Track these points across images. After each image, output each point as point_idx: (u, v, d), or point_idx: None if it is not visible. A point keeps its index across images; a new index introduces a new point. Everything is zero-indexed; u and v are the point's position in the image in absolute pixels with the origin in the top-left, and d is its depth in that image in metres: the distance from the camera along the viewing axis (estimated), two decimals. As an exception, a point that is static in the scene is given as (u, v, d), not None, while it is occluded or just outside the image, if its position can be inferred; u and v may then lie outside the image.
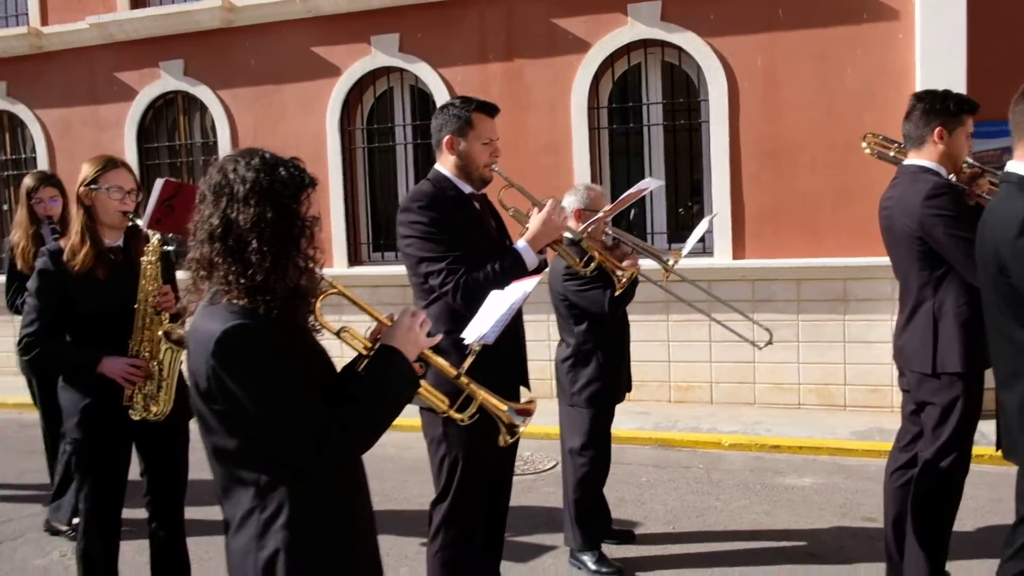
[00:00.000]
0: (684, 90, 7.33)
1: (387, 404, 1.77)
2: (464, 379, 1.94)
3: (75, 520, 4.75)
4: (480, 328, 2.09)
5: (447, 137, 3.03)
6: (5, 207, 9.71)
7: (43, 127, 9.21)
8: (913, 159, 3.32)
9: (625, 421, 4.33)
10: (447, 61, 7.65)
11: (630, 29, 7.13)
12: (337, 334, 1.88)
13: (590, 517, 4.00)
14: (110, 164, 3.19)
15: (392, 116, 8.16)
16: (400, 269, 7.82)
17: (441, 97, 7.64)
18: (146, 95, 8.71)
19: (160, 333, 3.12)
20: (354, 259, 8.18)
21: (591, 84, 7.28)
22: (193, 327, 1.75)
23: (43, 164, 9.18)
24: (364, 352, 1.87)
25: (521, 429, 1.99)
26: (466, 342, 2.09)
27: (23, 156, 9.53)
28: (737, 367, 6.94)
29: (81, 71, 8.96)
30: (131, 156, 8.72)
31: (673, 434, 6.18)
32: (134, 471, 3.25)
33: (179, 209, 3.18)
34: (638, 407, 6.63)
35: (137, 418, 3.08)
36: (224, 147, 8.42)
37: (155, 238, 3.16)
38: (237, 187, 1.72)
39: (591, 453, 3.95)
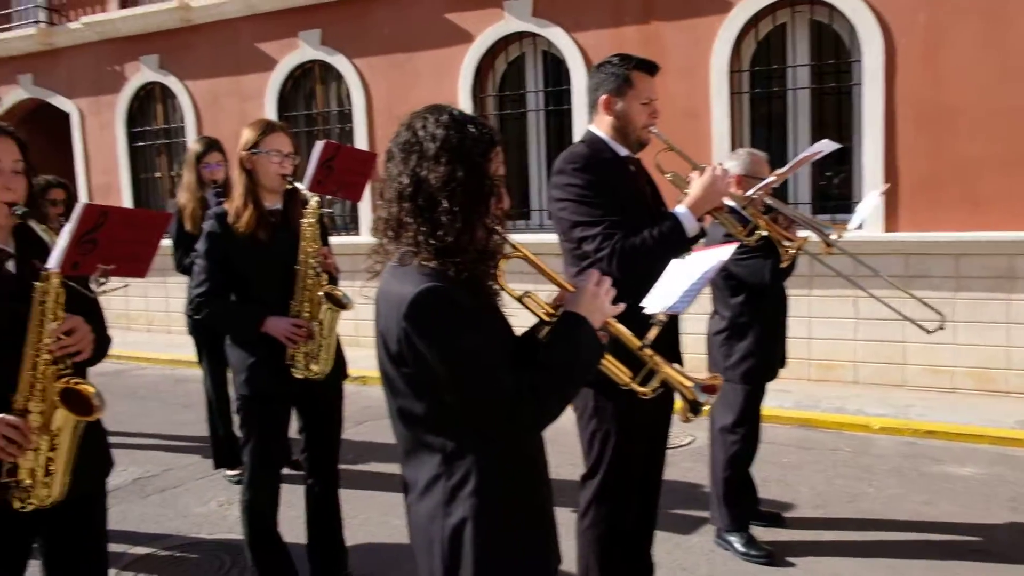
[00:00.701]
0: (833, 51, 6.89)
1: (576, 373, 1.70)
2: (648, 351, 1.84)
3: (229, 472, 5.02)
4: (665, 298, 1.98)
5: (604, 96, 2.91)
6: (158, 174, 10.28)
7: (191, 98, 9.65)
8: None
9: (764, 399, 4.16)
10: (581, 25, 7.48)
11: (777, -14, 6.75)
12: (519, 299, 1.82)
13: (739, 497, 3.85)
14: (269, 128, 3.25)
15: (524, 82, 8.08)
16: (533, 237, 7.87)
17: (574, 63, 7.50)
18: (285, 65, 8.97)
19: (320, 294, 3.19)
20: (484, 227, 8.18)
21: (733, 46, 6.95)
22: (382, 289, 1.72)
23: (191, 133, 9.65)
24: (546, 319, 1.80)
25: (706, 408, 1.88)
26: (647, 311, 1.99)
27: (173, 126, 10.03)
28: (884, 346, 6.54)
29: (226, 42, 9.31)
30: (271, 125, 9.01)
31: (816, 414, 5.90)
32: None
33: (338, 171, 3.22)
34: (777, 384, 6.28)
35: (299, 376, 3.16)
36: (359, 116, 8.58)
37: (314, 200, 3.21)
38: (427, 145, 1.67)
39: (743, 431, 3.80)
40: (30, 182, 2.26)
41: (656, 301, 1.99)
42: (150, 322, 10.10)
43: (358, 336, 6.92)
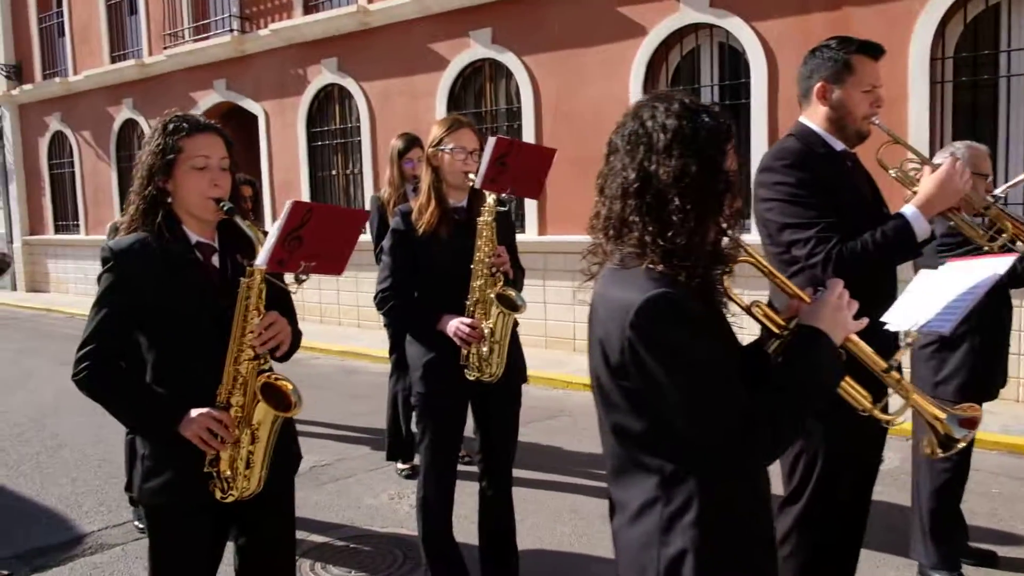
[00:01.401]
0: (1058, 33, 6.13)
1: (813, 395, 1.49)
2: (895, 375, 1.60)
3: (400, 465, 5.08)
4: (915, 314, 1.72)
5: (819, 84, 2.63)
6: (333, 172, 10.74)
7: (366, 98, 10.00)
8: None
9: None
10: (762, 13, 7.07)
11: (991, -37, 6.08)
12: (747, 309, 1.62)
13: (949, 532, 3.44)
14: (455, 125, 3.21)
15: (699, 76, 7.75)
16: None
17: (754, 54, 7.10)
18: (457, 64, 9.09)
19: (492, 296, 3.11)
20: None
21: (936, 31, 6.34)
22: (601, 293, 1.58)
23: (366, 133, 10.00)
24: (777, 332, 1.60)
25: (960, 444, 1.61)
26: (889, 328, 1.74)
27: (349, 125, 10.44)
28: (1114, 367, 5.75)
29: (400, 44, 9.56)
30: (441, 123, 9.16)
31: (1028, 440, 5.27)
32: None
33: (513, 168, 3.12)
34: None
35: (472, 378, 3.10)
36: (527, 113, 8.56)
37: (491, 198, 3.13)
38: (656, 136, 1.51)
39: (955, 458, 3.38)
40: (234, 179, 2.31)
41: (902, 317, 1.73)
42: (322, 314, 10.57)
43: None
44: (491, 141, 3.08)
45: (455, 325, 3.04)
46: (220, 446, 2.13)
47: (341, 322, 10.34)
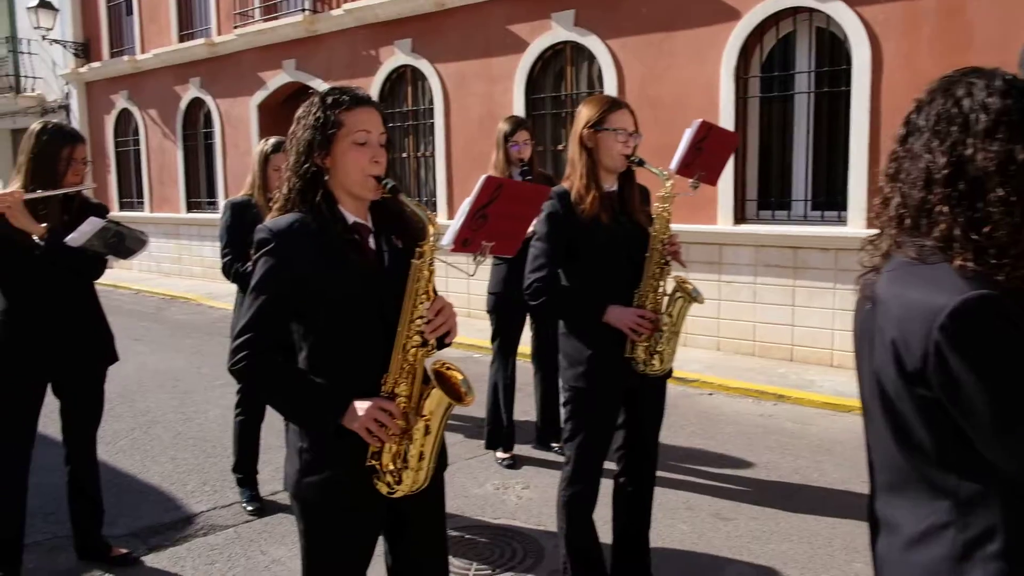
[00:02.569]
0: None
1: None
2: None
3: (501, 454, 4.98)
4: None
5: None
6: (404, 155, 10.66)
7: (441, 80, 9.87)
8: None
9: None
10: (867, -2, 6.80)
11: (1125, -54, 5.75)
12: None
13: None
14: (614, 105, 3.07)
15: (793, 62, 7.50)
16: (788, 229, 7.34)
17: (858, 39, 6.83)
18: (537, 46, 8.92)
19: (669, 285, 3.00)
20: (739, 216, 7.74)
21: (1060, 17, 6.03)
22: (894, 291, 1.42)
23: (439, 116, 9.89)
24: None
25: None
26: None
27: (421, 107, 10.34)
28: None
29: (477, 25, 9.42)
30: (518, 107, 9.04)
31: None
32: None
33: (706, 152, 2.99)
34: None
35: (639, 371, 2.98)
36: (610, 97, 8.37)
37: (668, 183, 3.02)
38: (976, 116, 1.34)
39: None
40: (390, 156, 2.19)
41: None
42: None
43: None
44: (694, 123, 2.95)
45: (629, 316, 2.91)
46: (388, 438, 2.01)
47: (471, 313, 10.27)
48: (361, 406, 1.98)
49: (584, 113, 3.08)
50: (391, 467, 2.05)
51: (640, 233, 3.07)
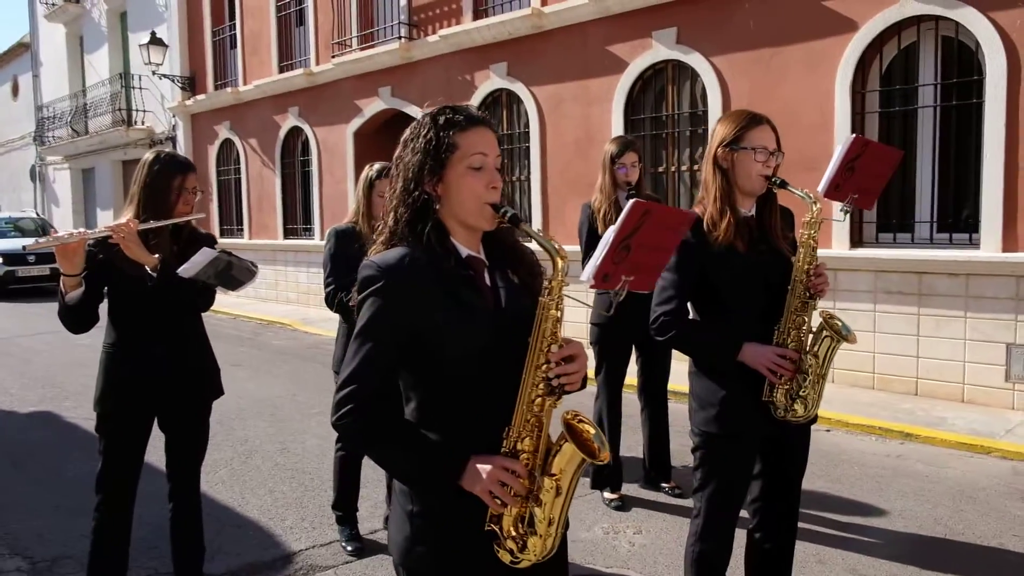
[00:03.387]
0: None
1: None
2: None
3: (608, 494, 4.67)
4: None
5: None
6: (498, 179, 10.52)
7: (536, 103, 9.72)
8: None
9: None
10: (1002, 2, 6.26)
11: None
12: None
13: None
14: (754, 121, 2.76)
15: (916, 75, 6.99)
16: (917, 253, 6.79)
17: (992, 48, 6.29)
18: (636, 66, 8.66)
19: (807, 321, 2.67)
20: (856, 239, 7.24)
21: None
22: None
23: (535, 139, 9.72)
24: None
25: None
26: None
27: (517, 131, 10.20)
28: None
29: (574, 46, 9.23)
30: (617, 128, 8.78)
31: None
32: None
33: (859, 172, 2.67)
34: None
35: (782, 417, 2.65)
36: (714, 116, 8.02)
37: (815, 206, 2.71)
38: None
39: None
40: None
41: None
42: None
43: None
44: (847, 139, 2.64)
45: (767, 356, 2.60)
46: (513, 500, 1.75)
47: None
48: (483, 466, 1.74)
49: (720, 130, 2.80)
50: (513, 532, 1.79)
51: (782, 263, 2.76)
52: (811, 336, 2.73)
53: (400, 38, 11.27)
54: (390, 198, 1.90)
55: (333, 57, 12.46)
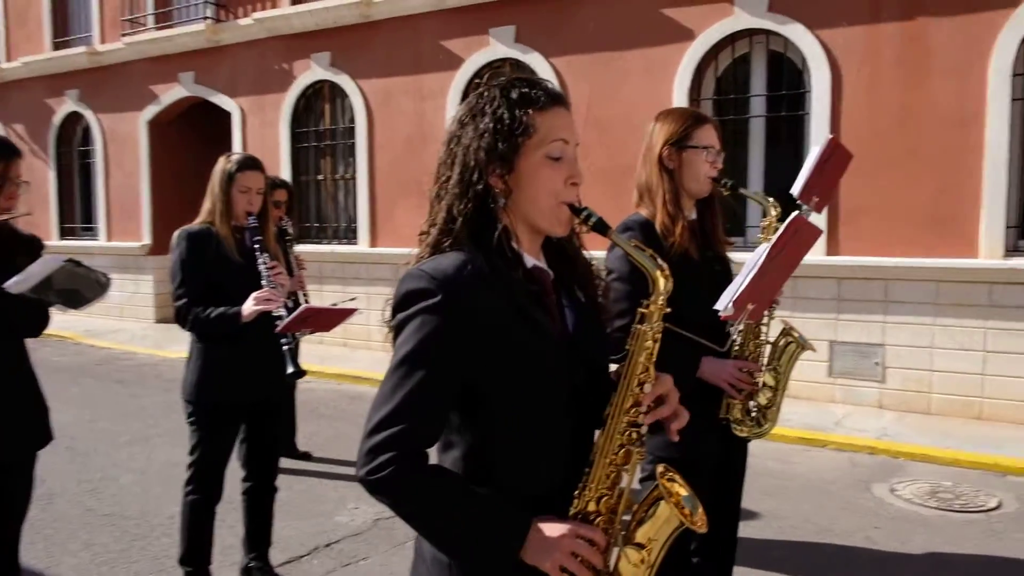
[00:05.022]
0: None
1: None
2: None
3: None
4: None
5: None
6: (320, 176, 9.84)
7: (364, 97, 9.17)
8: None
9: None
10: (827, 21, 6.65)
11: (1082, -24, 5.81)
12: None
13: None
14: (700, 119, 2.59)
15: (749, 84, 7.28)
16: (745, 256, 6.71)
17: (817, 64, 6.66)
18: (473, 62, 8.39)
19: (762, 331, 2.51)
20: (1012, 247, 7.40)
21: (1020, 46, 6.03)
22: None
23: (362, 135, 9.17)
24: None
25: None
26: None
27: (340, 126, 9.58)
28: None
29: (406, 40, 8.80)
30: (452, 127, 8.46)
31: None
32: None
33: (827, 174, 2.53)
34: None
35: (743, 435, 2.49)
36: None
37: (773, 211, 2.58)
38: None
39: None
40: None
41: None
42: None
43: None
44: (824, 141, 2.48)
45: (729, 371, 2.41)
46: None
47: (328, 341, 9.42)
48: (552, 534, 1.36)
49: (662, 129, 2.59)
50: None
51: (728, 270, 2.62)
52: (769, 348, 2.59)
53: (206, 19, 10.23)
54: (440, 188, 1.48)
55: (123, 36, 11.10)
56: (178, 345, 9.63)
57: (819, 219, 6.63)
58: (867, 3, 6.49)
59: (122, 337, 10.59)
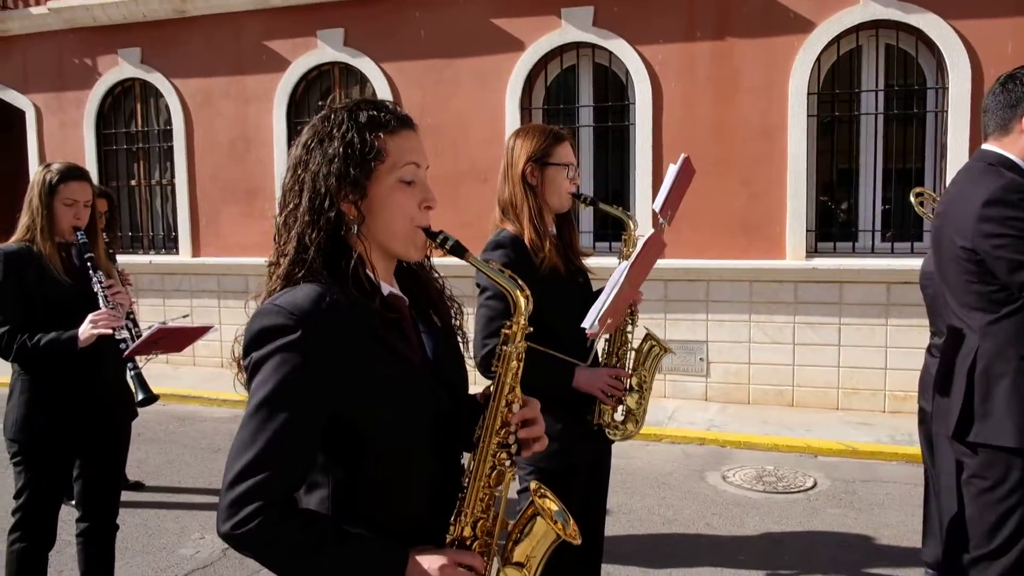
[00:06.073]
0: (914, 74, 6.75)
1: None
2: None
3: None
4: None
5: None
6: (133, 182, 9.15)
7: (180, 97, 8.62)
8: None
9: None
10: (647, 37, 7.06)
11: (863, 9, 6.53)
12: None
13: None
14: (558, 136, 2.68)
15: (577, 96, 7.57)
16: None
17: (638, 77, 7.05)
18: (300, 65, 8.12)
19: (630, 336, 2.65)
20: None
21: (813, 66, 6.70)
22: None
23: (179, 138, 8.64)
24: None
25: None
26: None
27: (155, 129, 8.95)
28: None
29: (227, 38, 8.37)
30: (279, 130, 8.18)
31: None
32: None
33: (677, 188, 2.68)
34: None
35: (615, 438, 2.62)
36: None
37: (632, 225, 2.73)
38: None
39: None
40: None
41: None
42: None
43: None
44: (681, 159, 2.61)
45: (603, 379, 2.52)
46: None
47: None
48: (431, 565, 1.37)
49: (523, 145, 2.65)
50: None
51: (588, 282, 2.74)
52: (633, 353, 2.73)
53: (-11, 6, 9.21)
54: (287, 216, 1.44)
55: None
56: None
57: (642, 226, 7.03)
58: (683, 22, 6.95)
59: None
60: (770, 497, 4.91)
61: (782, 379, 6.78)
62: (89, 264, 3.08)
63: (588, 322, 2.39)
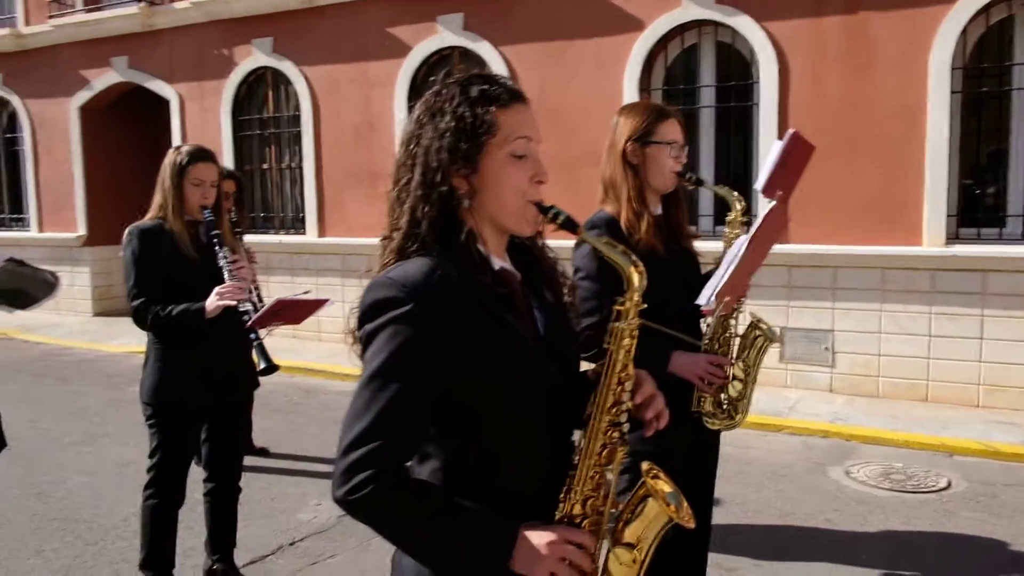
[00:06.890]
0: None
1: None
2: None
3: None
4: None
5: None
6: (265, 165, 9.60)
7: (308, 84, 8.96)
8: None
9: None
10: (773, 13, 6.75)
11: (1018, -27, 6.02)
12: None
13: None
14: (663, 113, 2.59)
15: (697, 76, 7.35)
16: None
17: (764, 56, 6.77)
18: (421, 50, 8.27)
19: (732, 325, 2.55)
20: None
21: (959, 39, 6.22)
22: None
23: (307, 123, 8.98)
24: None
25: None
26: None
27: (285, 114, 9.35)
28: None
29: (352, 26, 8.62)
30: (400, 115, 8.35)
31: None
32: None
33: (790, 168, 2.55)
34: None
35: (717, 427, 2.53)
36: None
37: (740, 203, 2.60)
38: None
39: None
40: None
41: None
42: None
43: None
44: (788, 134, 2.49)
45: (702, 365, 2.44)
46: None
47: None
48: (540, 541, 1.34)
49: (625, 124, 2.57)
50: None
51: (695, 264, 2.65)
52: (737, 340, 2.63)
53: (139, 2, 9.84)
54: (400, 191, 1.44)
55: (50, 18, 10.61)
56: (119, 340, 9.32)
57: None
58: (812, -5, 6.61)
59: (59, 332, 10.18)
60: (898, 496, 4.64)
61: (915, 372, 6.38)
62: (216, 241, 3.24)
63: (704, 298, 2.32)
